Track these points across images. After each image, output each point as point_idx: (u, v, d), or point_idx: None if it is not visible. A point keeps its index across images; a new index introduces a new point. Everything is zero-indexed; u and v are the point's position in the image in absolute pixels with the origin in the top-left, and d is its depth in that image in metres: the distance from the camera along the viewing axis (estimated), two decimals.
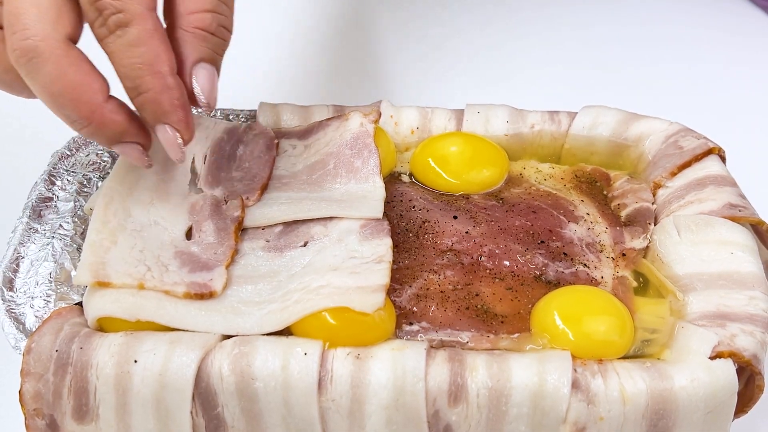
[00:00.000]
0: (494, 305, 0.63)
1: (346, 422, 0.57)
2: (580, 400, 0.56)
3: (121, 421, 0.58)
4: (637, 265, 0.67)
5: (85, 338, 0.59)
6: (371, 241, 0.64)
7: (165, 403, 0.57)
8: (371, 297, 0.59)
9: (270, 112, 0.77)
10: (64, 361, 0.58)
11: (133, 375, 0.57)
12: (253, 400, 0.57)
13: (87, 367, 0.57)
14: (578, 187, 0.74)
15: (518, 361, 0.57)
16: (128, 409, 0.58)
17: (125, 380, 0.57)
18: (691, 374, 0.57)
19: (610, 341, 0.60)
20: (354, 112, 0.72)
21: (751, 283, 0.62)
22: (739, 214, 0.67)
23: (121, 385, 0.57)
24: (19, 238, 0.67)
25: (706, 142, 0.72)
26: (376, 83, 1.03)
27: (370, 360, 0.57)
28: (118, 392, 0.57)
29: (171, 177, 0.68)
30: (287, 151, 0.72)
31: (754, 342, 0.59)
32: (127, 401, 0.57)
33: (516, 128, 0.76)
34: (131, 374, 0.57)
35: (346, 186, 0.68)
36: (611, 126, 0.75)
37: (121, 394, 0.57)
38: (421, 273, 0.65)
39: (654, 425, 0.57)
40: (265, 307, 0.61)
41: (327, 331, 0.59)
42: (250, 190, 0.68)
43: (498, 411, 0.56)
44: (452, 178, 0.73)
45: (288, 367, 0.56)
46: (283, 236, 0.66)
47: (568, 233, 0.69)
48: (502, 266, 0.66)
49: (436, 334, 0.61)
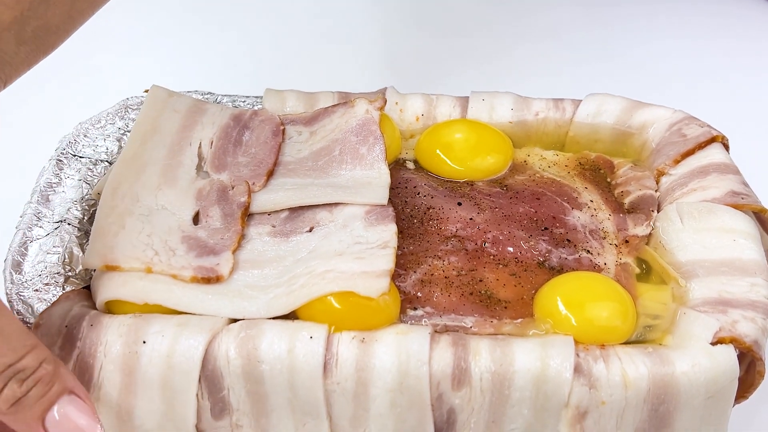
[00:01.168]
0: (498, 291, 0.64)
1: (351, 405, 0.58)
2: (582, 384, 0.57)
3: (125, 401, 0.58)
4: (639, 251, 0.67)
5: (95, 317, 0.59)
6: (376, 227, 0.64)
7: (171, 385, 0.58)
8: (376, 282, 0.60)
9: (275, 98, 0.77)
10: (73, 337, 0.59)
11: (140, 355, 0.57)
12: (259, 382, 0.58)
13: (96, 344, 0.58)
14: (582, 174, 0.74)
15: (521, 346, 0.58)
16: (133, 389, 0.58)
17: (132, 360, 0.58)
18: (693, 359, 0.57)
19: (613, 327, 0.60)
20: (360, 99, 0.73)
21: (753, 270, 0.63)
22: (742, 201, 0.67)
23: (128, 365, 0.58)
24: (28, 223, 0.68)
25: (709, 130, 0.73)
26: (382, 70, 1.03)
27: (375, 344, 0.58)
28: (124, 372, 0.58)
29: (178, 162, 0.69)
30: (293, 137, 0.72)
31: (755, 328, 0.59)
32: (132, 381, 0.58)
33: (520, 116, 0.77)
34: (139, 354, 0.57)
35: (352, 172, 0.69)
36: (615, 114, 0.76)
37: (127, 374, 0.58)
38: (425, 259, 0.66)
39: (655, 410, 0.57)
40: (271, 291, 0.61)
41: (332, 315, 0.59)
42: (257, 176, 0.68)
43: (501, 395, 0.57)
44: (457, 165, 0.73)
45: (294, 351, 0.57)
46: (289, 222, 0.66)
47: (571, 220, 0.69)
48: (506, 252, 0.66)
49: (440, 319, 0.62)
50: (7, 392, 0.52)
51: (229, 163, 0.70)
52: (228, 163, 0.70)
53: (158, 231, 0.64)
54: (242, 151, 0.71)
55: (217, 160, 0.70)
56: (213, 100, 0.78)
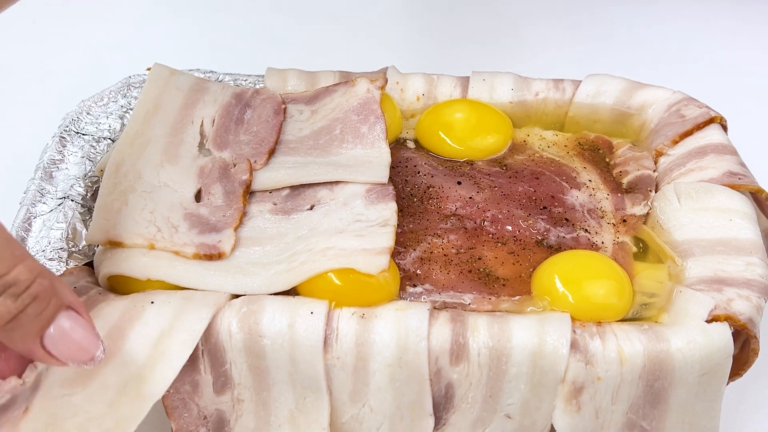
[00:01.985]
0: (496, 269, 0.65)
1: (351, 379, 0.59)
2: (578, 360, 0.57)
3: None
4: (637, 231, 0.68)
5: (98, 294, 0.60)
6: (376, 205, 0.65)
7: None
8: (376, 259, 0.60)
9: (277, 77, 0.77)
10: None
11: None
12: (261, 357, 0.58)
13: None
14: (581, 154, 0.75)
15: (519, 322, 0.59)
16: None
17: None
18: (688, 337, 0.58)
19: (609, 304, 0.61)
20: (361, 78, 0.73)
21: (749, 249, 0.63)
22: (739, 182, 0.68)
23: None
24: (31, 199, 0.68)
25: (708, 111, 0.73)
26: (383, 50, 1.03)
27: (375, 319, 0.58)
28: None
29: (180, 140, 0.69)
30: (294, 116, 0.73)
31: (750, 306, 0.60)
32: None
33: (521, 96, 0.77)
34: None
35: (353, 151, 0.69)
36: (615, 94, 0.76)
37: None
38: (425, 237, 0.66)
39: (650, 386, 0.58)
40: (273, 267, 0.62)
41: (333, 291, 0.60)
42: (258, 154, 0.69)
43: (498, 370, 0.58)
44: (457, 145, 0.74)
45: (295, 326, 0.58)
46: (290, 199, 0.67)
47: (570, 199, 0.70)
48: (505, 231, 0.67)
49: (439, 296, 0.63)
50: (0, 309, 0.48)
51: (230, 141, 0.70)
52: (229, 141, 0.70)
53: (161, 208, 0.64)
54: (244, 130, 0.71)
55: (219, 138, 0.70)
56: (215, 78, 0.79)
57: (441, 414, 0.60)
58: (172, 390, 0.59)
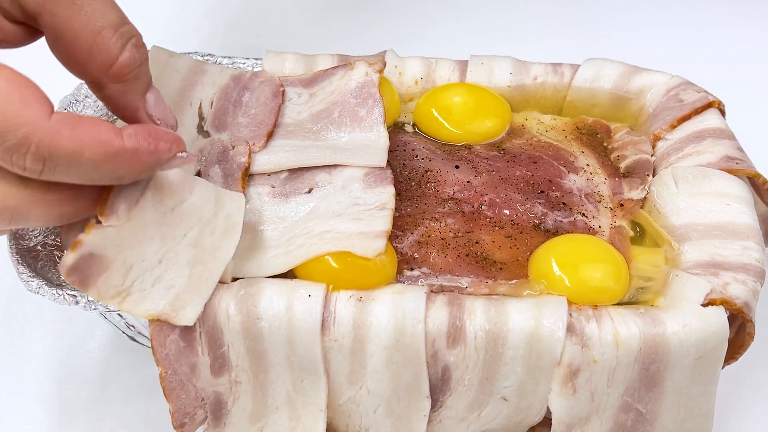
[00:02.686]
0: (493, 252, 0.65)
1: (348, 361, 0.59)
2: (574, 343, 0.58)
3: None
4: (634, 215, 0.68)
5: None
6: (374, 189, 0.65)
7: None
8: (373, 242, 0.61)
9: (275, 60, 0.77)
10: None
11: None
12: (258, 339, 0.59)
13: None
14: (579, 138, 0.75)
15: (515, 306, 0.59)
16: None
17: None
18: (684, 320, 0.58)
19: (605, 288, 0.61)
20: (359, 61, 0.73)
21: (746, 233, 0.64)
22: (737, 166, 0.68)
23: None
24: None
25: (706, 96, 0.73)
26: (381, 33, 1.03)
27: (372, 302, 0.59)
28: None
29: (179, 122, 0.69)
30: (292, 99, 0.73)
31: (746, 290, 0.60)
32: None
33: (519, 80, 0.77)
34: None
35: (351, 135, 0.69)
36: (613, 79, 0.76)
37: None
38: (422, 220, 0.67)
39: (646, 369, 0.59)
40: (270, 251, 0.62)
41: (330, 274, 0.60)
42: (257, 137, 0.69)
43: (495, 353, 0.58)
44: (455, 129, 0.74)
45: (292, 308, 0.58)
46: (288, 183, 0.67)
47: (567, 183, 0.70)
48: (502, 215, 0.67)
49: (437, 280, 0.63)
50: (127, 55, 0.53)
51: (229, 124, 0.70)
52: (228, 124, 0.70)
53: None
54: (242, 112, 0.71)
55: (218, 120, 0.70)
56: (213, 61, 0.79)
57: (438, 396, 0.60)
58: (170, 371, 0.59)
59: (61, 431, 0.69)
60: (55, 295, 0.60)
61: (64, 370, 0.72)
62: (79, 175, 0.49)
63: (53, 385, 0.71)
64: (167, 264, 0.56)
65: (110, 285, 0.54)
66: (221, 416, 0.62)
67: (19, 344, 0.74)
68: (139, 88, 0.55)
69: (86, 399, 0.70)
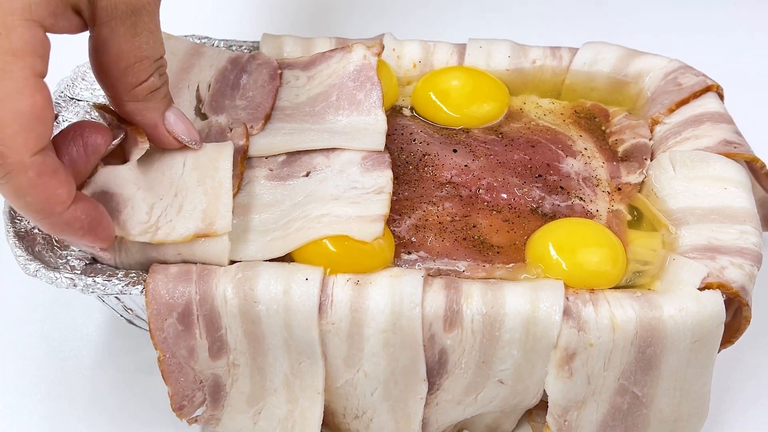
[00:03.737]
0: (491, 236, 0.65)
1: (345, 344, 0.59)
2: (571, 327, 0.58)
3: None
4: (632, 199, 0.68)
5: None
6: (372, 173, 0.65)
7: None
8: (370, 226, 0.61)
9: (273, 43, 0.77)
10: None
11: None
12: (256, 322, 0.59)
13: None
14: (577, 122, 0.75)
15: (512, 289, 0.59)
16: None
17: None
18: (680, 304, 0.58)
19: (602, 272, 0.62)
20: (357, 44, 0.73)
21: (743, 218, 0.64)
22: (734, 150, 0.68)
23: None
24: None
25: (704, 80, 0.73)
26: (379, 16, 1.02)
27: (369, 286, 0.59)
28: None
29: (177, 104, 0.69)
30: (290, 82, 0.73)
31: (742, 274, 0.60)
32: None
33: (517, 63, 0.77)
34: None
35: (349, 118, 0.69)
36: (612, 62, 0.76)
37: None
38: (420, 204, 0.67)
39: (642, 352, 0.59)
40: (268, 234, 0.62)
41: (327, 258, 0.60)
42: (254, 119, 0.69)
43: (491, 336, 0.58)
44: (453, 112, 0.73)
45: (290, 292, 0.58)
46: (286, 166, 0.67)
47: (565, 167, 0.70)
48: (500, 199, 0.67)
49: (434, 263, 0.63)
50: (152, 81, 0.58)
51: (226, 106, 0.70)
52: (226, 106, 0.70)
53: None
54: (240, 95, 0.71)
55: (215, 103, 0.70)
56: (210, 44, 0.78)
57: (434, 379, 0.61)
58: (168, 354, 0.59)
59: (59, 415, 0.69)
60: (52, 279, 0.60)
61: (62, 353, 0.72)
62: (13, 203, 0.53)
63: (51, 368, 0.71)
64: (182, 193, 0.61)
65: (136, 223, 0.59)
66: (220, 398, 0.62)
67: (17, 328, 0.74)
68: (156, 107, 0.60)
69: (85, 382, 0.71)
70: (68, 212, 0.54)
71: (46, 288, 0.70)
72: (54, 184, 0.53)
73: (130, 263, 0.61)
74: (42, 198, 0.53)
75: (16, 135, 0.50)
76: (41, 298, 0.76)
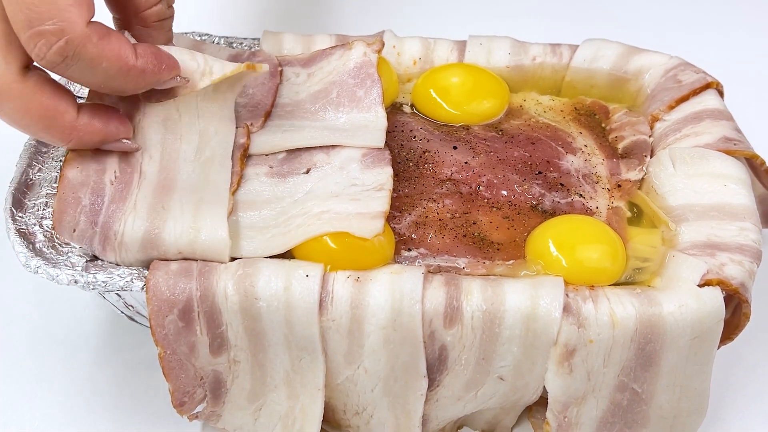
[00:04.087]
0: (491, 233, 0.65)
1: (346, 341, 0.59)
2: (571, 323, 0.58)
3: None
4: (631, 196, 0.68)
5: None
6: (372, 170, 0.65)
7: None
8: (371, 223, 0.61)
9: (273, 40, 0.77)
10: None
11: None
12: (256, 319, 0.59)
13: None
14: (577, 119, 0.75)
15: (512, 286, 0.59)
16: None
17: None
18: (680, 300, 0.59)
19: (602, 268, 0.62)
20: (357, 41, 0.73)
21: (743, 214, 0.64)
22: (734, 147, 0.68)
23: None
24: (27, 160, 0.68)
25: (704, 77, 0.73)
26: (379, 13, 1.02)
27: (370, 283, 0.59)
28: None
29: None
30: (290, 79, 0.73)
31: (742, 271, 0.60)
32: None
33: (518, 60, 0.77)
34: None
35: (349, 115, 0.69)
36: (612, 59, 0.76)
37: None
38: (420, 201, 0.67)
39: (642, 348, 0.59)
40: (269, 231, 0.62)
41: (328, 254, 0.60)
42: (255, 117, 0.69)
43: (491, 333, 0.59)
44: (453, 109, 0.74)
45: (290, 288, 0.58)
46: (286, 163, 0.67)
47: (565, 164, 0.70)
48: (500, 196, 0.67)
49: (434, 260, 0.63)
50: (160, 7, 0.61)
51: None
52: None
53: None
54: (240, 92, 0.71)
55: None
56: (210, 41, 0.78)
57: (435, 376, 0.61)
58: (169, 351, 0.60)
59: (60, 410, 0.69)
60: (53, 275, 0.60)
61: (63, 350, 0.73)
62: (89, 79, 0.55)
63: (52, 365, 0.72)
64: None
65: (193, 71, 0.62)
66: (220, 395, 0.62)
67: (19, 325, 0.74)
68: (158, 38, 0.62)
69: (86, 379, 0.71)
70: (140, 60, 0.56)
71: (48, 285, 0.70)
72: (114, 40, 0.55)
73: (130, 261, 0.61)
74: (115, 57, 0.54)
75: (70, 7, 0.52)
76: (42, 295, 0.76)
